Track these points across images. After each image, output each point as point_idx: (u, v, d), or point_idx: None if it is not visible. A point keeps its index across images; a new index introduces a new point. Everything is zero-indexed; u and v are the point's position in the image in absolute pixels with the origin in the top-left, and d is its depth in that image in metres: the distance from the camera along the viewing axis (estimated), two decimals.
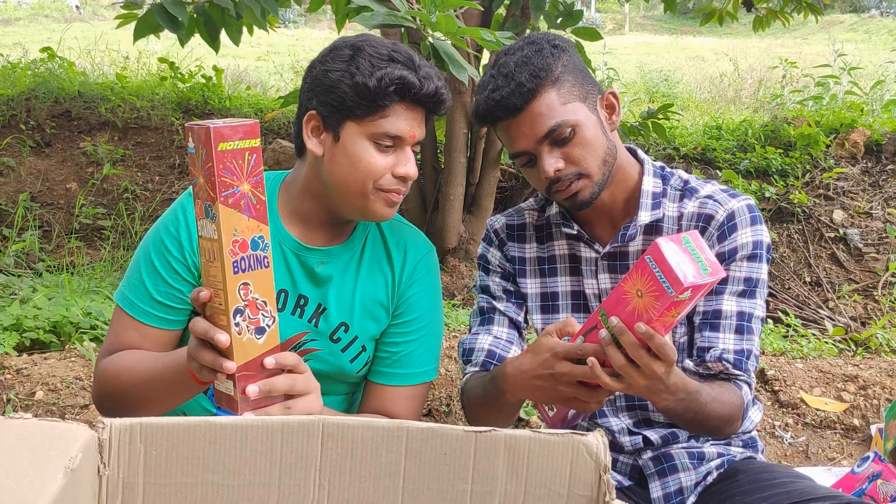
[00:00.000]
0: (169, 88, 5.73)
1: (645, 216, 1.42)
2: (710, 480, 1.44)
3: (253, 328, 1.05)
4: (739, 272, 1.40)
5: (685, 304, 1.10)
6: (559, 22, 3.62)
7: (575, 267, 1.50)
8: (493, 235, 1.56)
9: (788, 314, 3.63)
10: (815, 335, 3.43)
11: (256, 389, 1.06)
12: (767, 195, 4.54)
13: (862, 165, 4.83)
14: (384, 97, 1.26)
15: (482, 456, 0.85)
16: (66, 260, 3.66)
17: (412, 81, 1.26)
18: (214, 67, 5.95)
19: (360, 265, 1.41)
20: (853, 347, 3.35)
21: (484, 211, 3.83)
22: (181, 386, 1.21)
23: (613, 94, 1.42)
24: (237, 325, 1.03)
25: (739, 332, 1.39)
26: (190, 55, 6.72)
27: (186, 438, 0.83)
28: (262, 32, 3.93)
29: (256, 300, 1.04)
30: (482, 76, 1.41)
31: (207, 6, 3.21)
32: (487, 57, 3.68)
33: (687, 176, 1.48)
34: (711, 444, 1.49)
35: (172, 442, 0.83)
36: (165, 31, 3.12)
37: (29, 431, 0.77)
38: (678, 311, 1.10)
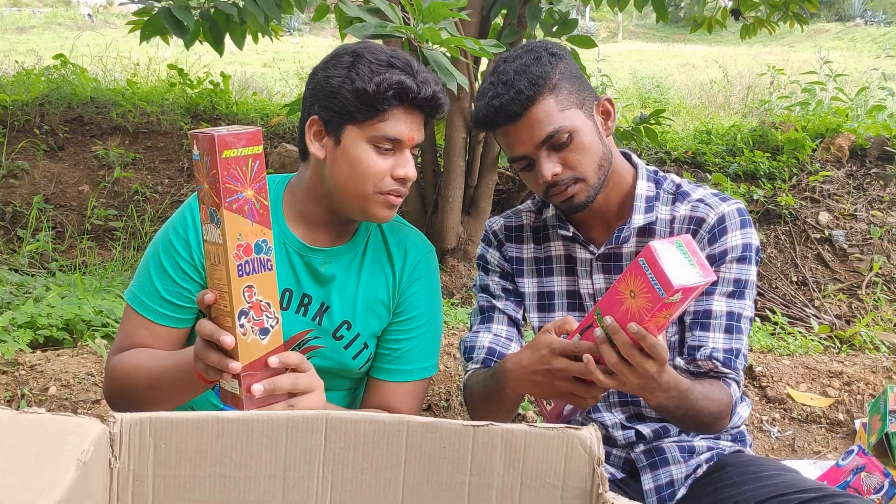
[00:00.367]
0: (178, 94, 5.72)
1: (638, 219, 1.42)
2: (700, 473, 1.44)
3: (257, 329, 1.05)
4: (729, 274, 1.40)
5: (676, 305, 1.10)
6: (555, 30, 3.62)
7: (570, 267, 1.50)
8: (491, 236, 1.56)
9: (776, 313, 3.63)
10: (801, 333, 3.43)
11: (261, 388, 1.06)
12: (756, 198, 4.54)
13: (847, 169, 4.84)
14: (383, 101, 1.26)
15: (480, 449, 0.85)
16: (78, 260, 3.66)
17: (410, 86, 1.26)
18: (222, 74, 5.95)
19: (362, 265, 1.41)
20: (838, 345, 3.35)
21: (482, 213, 3.82)
22: (188, 384, 1.21)
23: (609, 100, 1.43)
24: (242, 326, 1.03)
25: (729, 331, 1.39)
26: (198, 62, 6.73)
27: (195, 432, 0.83)
28: (267, 40, 3.94)
29: (260, 302, 1.04)
30: (482, 83, 1.41)
31: (212, 12, 3.22)
32: (485, 64, 3.68)
33: (679, 180, 1.48)
34: (702, 437, 1.49)
35: (181, 436, 0.83)
36: (173, 38, 3.13)
37: (43, 425, 0.77)
38: (670, 312, 1.11)
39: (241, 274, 1.02)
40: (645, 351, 1.12)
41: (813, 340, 3.30)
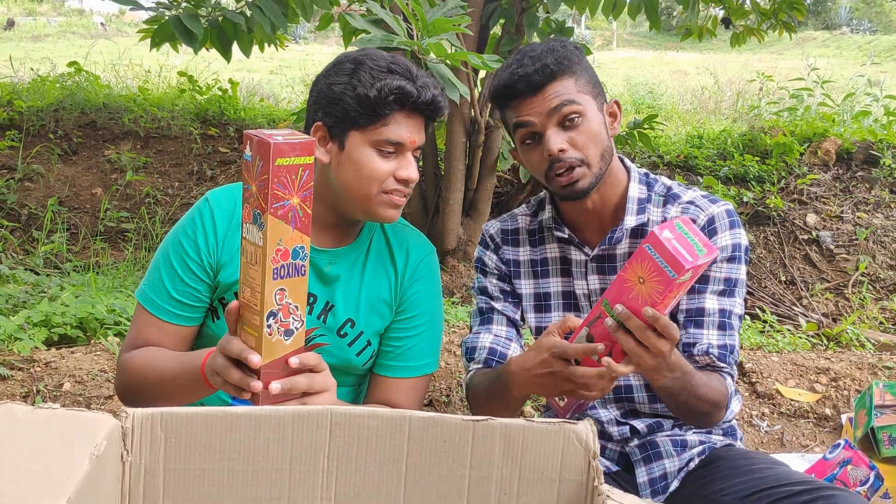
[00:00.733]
0: (188, 100, 5.72)
1: (631, 220, 1.42)
2: (692, 466, 1.44)
3: (283, 330, 1.05)
4: (720, 273, 1.40)
5: (686, 284, 1.12)
6: (552, 38, 3.62)
7: (566, 269, 1.50)
8: (488, 240, 1.56)
9: (765, 311, 3.63)
10: (789, 331, 3.43)
11: (279, 387, 1.06)
12: (745, 200, 4.54)
13: (833, 172, 4.83)
14: (384, 106, 1.26)
15: (479, 443, 0.85)
16: (91, 260, 3.66)
17: (410, 91, 1.26)
18: (230, 80, 5.95)
19: (365, 265, 1.41)
20: (825, 342, 3.35)
21: (481, 215, 3.82)
22: (193, 388, 1.21)
23: (617, 103, 1.46)
24: (269, 326, 1.03)
25: (721, 328, 1.39)
26: (207, 69, 6.73)
27: (204, 427, 0.83)
28: (273, 48, 3.94)
29: (289, 305, 1.04)
30: (504, 62, 1.41)
31: (221, 20, 3.22)
32: (484, 72, 3.68)
33: (670, 183, 1.48)
34: (694, 432, 1.49)
35: (191, 430, 0.83)
36: (182, 46, 3.13)
37: (57, 420, 0.77)
38: (679, 292, 1.12)
39: (276, 277, 1.01)
40: (658, 332, 1.13)
41: (801, 338, 3.30)
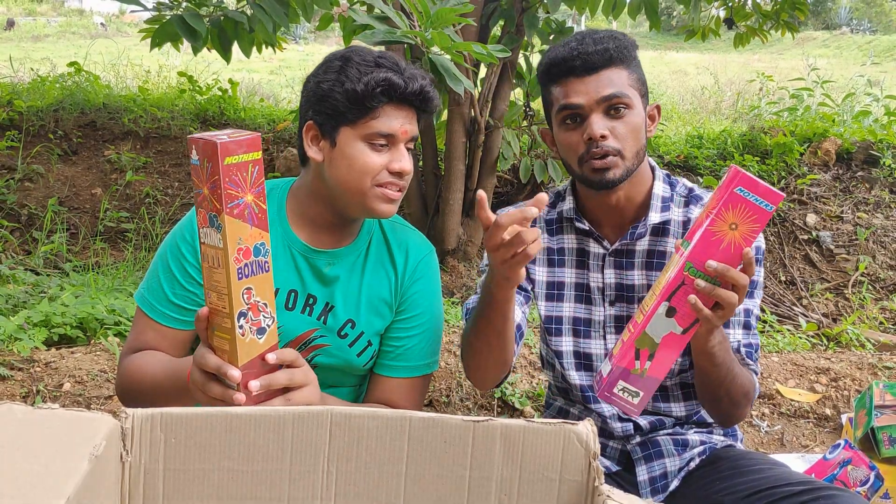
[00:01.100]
0: (188, 100, 5.72)
1: (655, 217, 1.44)
2: (692, 466, 1.44)
3: (255, 329, 1.05)
4: None
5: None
6: (552, 38, 3.62)
7: (581, 261, 1.50)
8: None
9: (765, 311, 3.63)
10: (789, 331, 3.43)
11: (258, 385, 1.06)
12: None
13: (833, 172, 4.83)
14: (372, 99, 1.26)
15: (480, 443, 0.85)
16: (91, 260, 3.66)
17: (397, 82, 1.27)
18: (230, 81, 5.94)
19: (364, 265, 1.41)
20: (825, 342, 3.35)
21: None
22: (182, 396, 1.20)
23: (658, 107, 1.48)
24: (241, 327, 1.03)
25: (746, 327, 1.43)
26: (207, 69, 6.73)
27: (204, 427, 0.83)
28: (273, 49, 3.93)
29: (258, 303, 1.04)
30: (561, 42, 1.42)
31: (222, 20, 3.22)
32: (484, 71, 3.68)
33: (691, 185, 1.50)
34: (695, 431, 1.49)
35: (190, 430, 0.83)
36: (184, 46, 3.13)
37: (56, 421, 0.77)
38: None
39: (241, 277, 1.01)
40: (743, 272, 1.14)
41: (801, 338, 3.30)
